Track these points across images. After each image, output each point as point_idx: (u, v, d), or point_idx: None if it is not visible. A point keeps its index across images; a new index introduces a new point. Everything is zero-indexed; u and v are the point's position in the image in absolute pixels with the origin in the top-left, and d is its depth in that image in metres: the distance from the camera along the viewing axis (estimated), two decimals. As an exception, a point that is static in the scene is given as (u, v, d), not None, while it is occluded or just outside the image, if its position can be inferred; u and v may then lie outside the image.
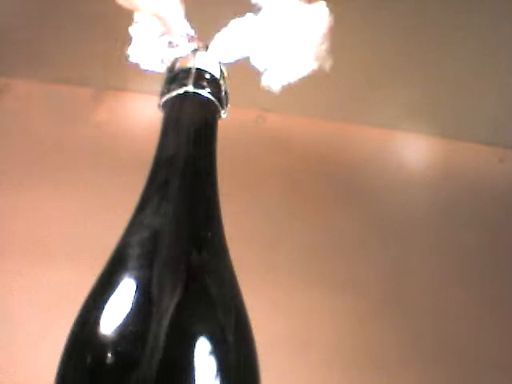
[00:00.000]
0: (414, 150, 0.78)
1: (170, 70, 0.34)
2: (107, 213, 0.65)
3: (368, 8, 0.63)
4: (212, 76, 0.33)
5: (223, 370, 0.24)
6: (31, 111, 0.72)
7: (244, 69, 0.70)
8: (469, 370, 0.63)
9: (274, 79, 0.34)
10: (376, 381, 0.61)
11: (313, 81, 0.72)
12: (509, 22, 0.62)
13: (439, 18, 0.64)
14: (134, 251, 0.27)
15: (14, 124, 0.71)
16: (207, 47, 0.34)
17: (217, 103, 0.33)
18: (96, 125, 0.72)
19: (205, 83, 0.32)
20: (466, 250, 0.72)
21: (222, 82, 0.34)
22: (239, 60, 0.34)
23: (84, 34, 0.67)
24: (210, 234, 0.29)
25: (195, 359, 0.24)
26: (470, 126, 0.76)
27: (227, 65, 0.36)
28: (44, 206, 0.67)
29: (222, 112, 0.34)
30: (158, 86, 0.35)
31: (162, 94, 0.33)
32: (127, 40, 0.67)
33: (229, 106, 0.34)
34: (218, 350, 0.24)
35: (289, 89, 0.73)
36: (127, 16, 0.65)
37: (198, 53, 0.33)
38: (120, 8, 0.64)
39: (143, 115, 0.72)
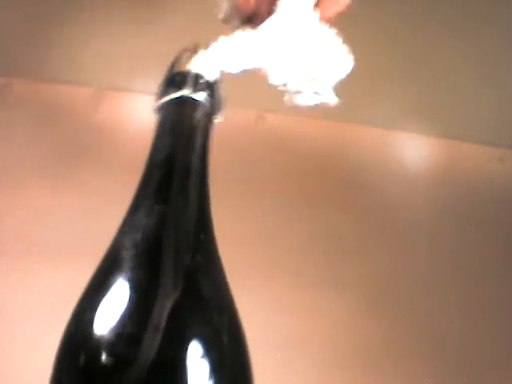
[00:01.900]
0: (414, 150, 0.78)
1: (168, 72, 0.34)
2: (107, 212, 0.64)
3: (369, 9, 0.63)
4: (208, 80, 0.33)
5: (218, 371, 0.24)
6: (31, 111, 0.72)
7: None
8: (464, 369, 0.63)
9: (291, 96, 0.35)
10: (373, 379, 0.61)
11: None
12: (509, 23, 0.62)
13: (440, 18, 0.64)
14: (129, 252, 0.27)
15: (14, 124, 0.71)
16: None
17: (212, 107, 0.33)
18: (96, 125, 0.72)
19: (201, 87, 0.32)
20: (465, 250, 0.72)
21: (217, 86, 0.34)
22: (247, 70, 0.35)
23: (84, 34, 0.68)
24: (203, 236, 0.29)
25: (190, 361, 0.24)
26: (470, 126, 0.76)
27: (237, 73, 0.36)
28: (44, 206, 0.67)
29: (218, 116, 0.34)
30: (158, 88, 0.35)
31: (158, 97, 0.33)
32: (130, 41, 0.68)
33: (224, 110, 0.34)
34: (213, 352, 0.25)
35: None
36: (127, 17, 0.66)
37: (195, 56, 0.33)
38: (120, 10, 0.65)
39: (143, 115, 0.72)
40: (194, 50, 0.34)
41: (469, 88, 0.71)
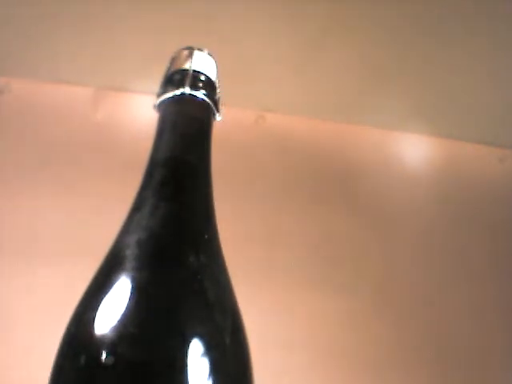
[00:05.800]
0: (414, 150, 0.78)
1: (167, 70, 0.34)
2: (107, 213, 0.65)
3: (369, 8, 0.63)
4: (208, 78, 0.33)
5: (221, 372, 0.24)
6: (31, 111, 0.72)
7: (244, 69, 0.71)
8: (464, 371, 0.63)
9: None
10: (374, 380, 0.61)
11: (313, 81, 0.72)
12: (509, 23, 0.62)
13: (439, 18, 0.64)
14: (132, 252, 0.27)
15: (14, 124, 0.71)
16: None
17: (212, 105, 0.33)
18: (96, 125, 0.72)
19: (201, 85, 0.32)
20: (465, 250, 0.72)
21: (217, 84, 0.34)
22: None
23: (84, 34, 0.67)
24: (207, 236, 0.29)
25: (192, 361, 0.24)
26: (470, 126, 0.76)
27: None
28: (44, 206, 0.67)
29: (217, 114, 0.34)
30: (158, 87, 0.35)
31: (158, 95, 0.33)
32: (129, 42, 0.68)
33: (223, 108, 0.34)
34: (216, 353, 0.24)
35: (289, 89, 0.73)
36: (128, 16, 0.65)
37: (195, 53, 0.33)
38: (120, 9, 0.64)
39: (143, 115, 0.72)
40: (192, 48, 0.34)
41: (469, 88, 0.71)
